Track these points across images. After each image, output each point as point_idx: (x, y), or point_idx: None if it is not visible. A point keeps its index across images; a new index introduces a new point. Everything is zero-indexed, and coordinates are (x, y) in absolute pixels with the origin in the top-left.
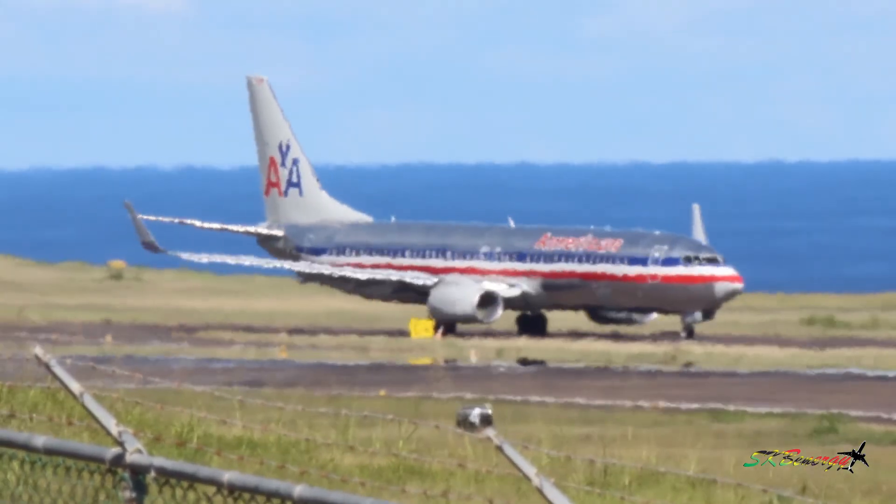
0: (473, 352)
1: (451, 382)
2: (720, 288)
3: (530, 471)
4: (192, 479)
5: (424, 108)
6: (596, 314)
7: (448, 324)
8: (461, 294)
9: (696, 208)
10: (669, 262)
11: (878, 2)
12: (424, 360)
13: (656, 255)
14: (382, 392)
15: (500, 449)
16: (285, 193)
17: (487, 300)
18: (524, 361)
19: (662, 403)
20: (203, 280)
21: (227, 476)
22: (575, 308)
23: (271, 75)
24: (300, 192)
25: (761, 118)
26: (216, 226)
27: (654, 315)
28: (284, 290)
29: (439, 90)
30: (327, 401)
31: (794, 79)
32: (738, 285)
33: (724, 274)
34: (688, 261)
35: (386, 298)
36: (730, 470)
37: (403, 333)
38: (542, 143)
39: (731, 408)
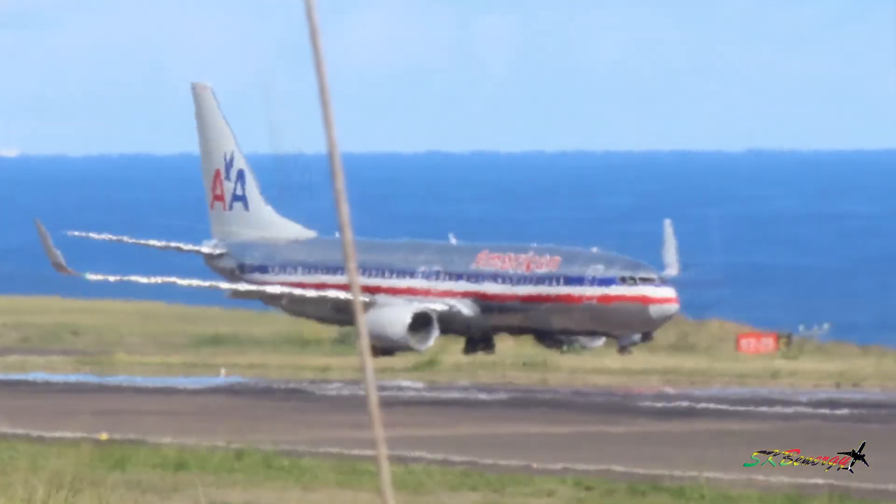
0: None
1: None
2: (655, 310)
3: None
4: None
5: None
6: (542, 337)
7: (384, 349)
8: (392, 317)
9: (667, 224)
10: (605, 281)
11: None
12: None
13: (592, 274)
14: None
15: None
16: (230, 207)
17: (422, 323)
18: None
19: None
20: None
21: None
22: (512, 332)
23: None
24: (245, 206)
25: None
26: (159, 244)
27: (602, 339)
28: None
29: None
30: None
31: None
32: (674, 307)
33: (659, 295)
34: (623, 281)
35: (323, 318)
36: None
37: None
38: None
39: None
